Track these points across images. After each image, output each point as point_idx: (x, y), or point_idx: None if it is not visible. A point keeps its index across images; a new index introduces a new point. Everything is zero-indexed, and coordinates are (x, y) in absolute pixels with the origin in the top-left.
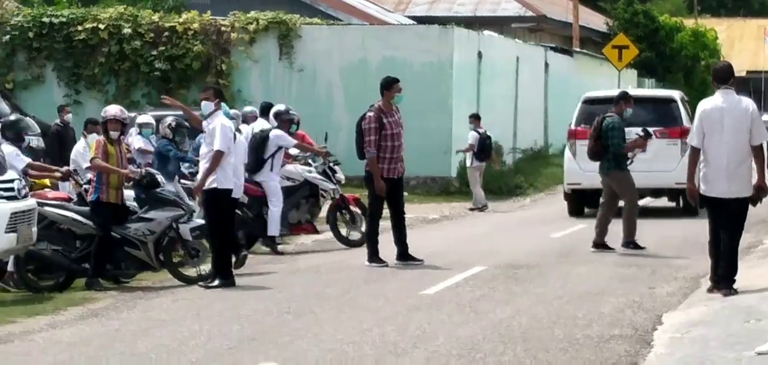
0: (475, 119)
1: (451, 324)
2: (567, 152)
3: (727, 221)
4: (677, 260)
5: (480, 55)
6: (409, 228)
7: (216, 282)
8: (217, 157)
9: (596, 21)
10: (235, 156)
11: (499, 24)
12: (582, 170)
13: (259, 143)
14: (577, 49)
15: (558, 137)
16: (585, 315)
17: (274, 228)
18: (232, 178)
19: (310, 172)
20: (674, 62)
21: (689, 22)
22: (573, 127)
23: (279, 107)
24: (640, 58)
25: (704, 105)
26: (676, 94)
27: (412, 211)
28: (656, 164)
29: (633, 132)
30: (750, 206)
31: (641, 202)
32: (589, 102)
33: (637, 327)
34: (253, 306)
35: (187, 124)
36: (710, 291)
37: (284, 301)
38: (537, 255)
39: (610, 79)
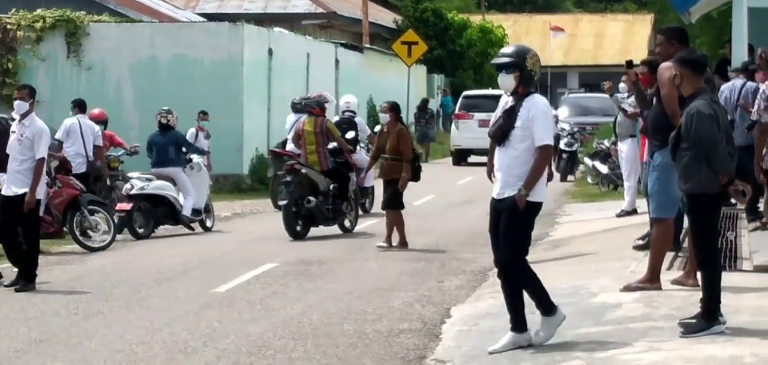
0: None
1: (242, 322)
2: (453, 127)
3: None
4: (465, 254)
5: (270, 52)
6: None
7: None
8: (41, 166)
9: (386, 17)
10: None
11: (290, 21)
12: (461, 137)
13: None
14: (367, 46)
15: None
16: (375, 309)
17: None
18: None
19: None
20: (464, 59)
21: (476, 19)
22: (457, 111)
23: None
24: (430, 55)
25: None
26: None
27: None
28: None
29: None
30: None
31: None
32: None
33: (426, 320)
34: (40, 308)
35: None
36: None
37: (73, 302)
38: (328, 251)
39: (400, 74)
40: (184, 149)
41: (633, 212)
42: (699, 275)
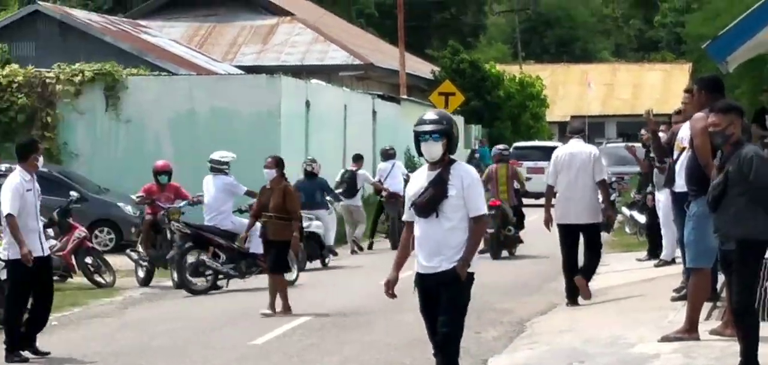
0: (359, 159)
1: None
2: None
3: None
4: (502, 304)
5: (308, 103)
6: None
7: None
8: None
9: (423, 69)
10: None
11: (327, 72)
12: None
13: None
14: (405, 97)
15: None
16: (413, 361)
17: None
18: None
19: None
20: (501, 110)
21: (514, 69)
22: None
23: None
24: (467, 106)
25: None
26: None
27: None
28: None
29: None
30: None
31: None
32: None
33: None
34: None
35: None
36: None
37: (111, 356)
38: (365, 302)
39: None
40: (327, 194)
41: (672, 261)
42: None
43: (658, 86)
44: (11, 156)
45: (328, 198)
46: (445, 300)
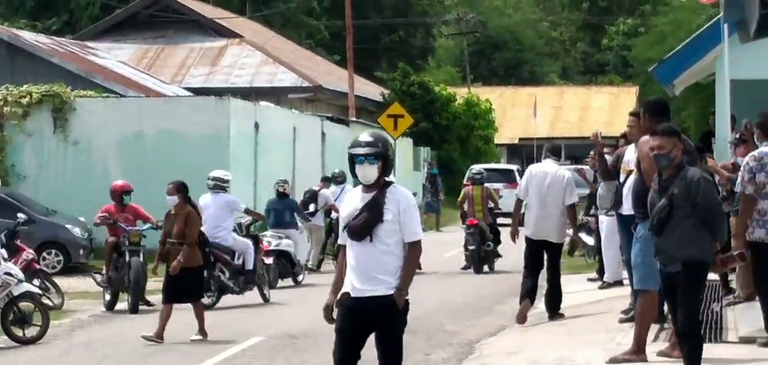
0: (327, 180)
1: None
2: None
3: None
4: (452, 326)
5: (257, 125)
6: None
7: None
8: None
9: (372, 91)
10: None
11: (276, 94)
12: None
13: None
14: (354, 119)
15: None
16: None
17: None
18: None
19: None
20: (450, 131)
21: (463, 91)
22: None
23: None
24: (416, 128)
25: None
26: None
27: None
28: None
29: None
30: None
31: None
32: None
33: None
34: None
35: None
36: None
37: None
38: (313, 324)
39: None
40: (296, 214)
41: (618, 283)
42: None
43: (606, 109)
44: None
45: (297, 218)
46: (381, 334)
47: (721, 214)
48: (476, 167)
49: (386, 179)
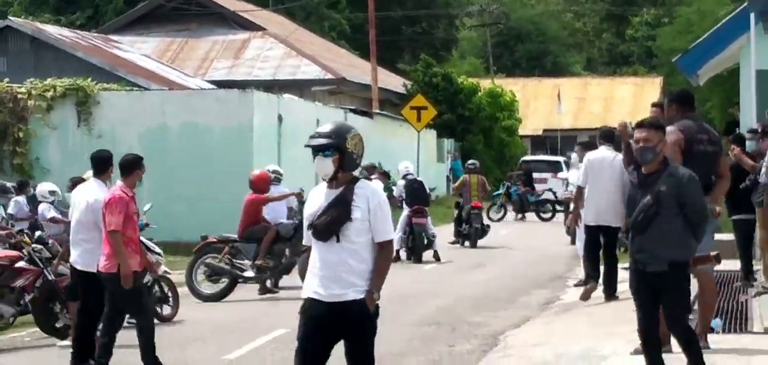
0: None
1: None
2: None
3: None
4: (476, 318)
5: (280, 118)
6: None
7: None
8: None
9: (395, 83)
10: None
11: (299, 87)
12: None
13: None
14: (377, 111)
15: None
16: None
17: None
18: None
19: None
20: (473, 123)
21: (486, 83)
22: None
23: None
24: (439, 120)
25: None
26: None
27: None
28: None
29: None
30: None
31: None
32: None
33: None
34: None
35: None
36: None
37: None
38: None
39: (409, 139)
40: None
41: None
42: (673, 342)
43: (629, 100)
44: None
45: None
46: (352, 344)
47: (706, 217)
48: (525, 158)
49: (349, 173)
